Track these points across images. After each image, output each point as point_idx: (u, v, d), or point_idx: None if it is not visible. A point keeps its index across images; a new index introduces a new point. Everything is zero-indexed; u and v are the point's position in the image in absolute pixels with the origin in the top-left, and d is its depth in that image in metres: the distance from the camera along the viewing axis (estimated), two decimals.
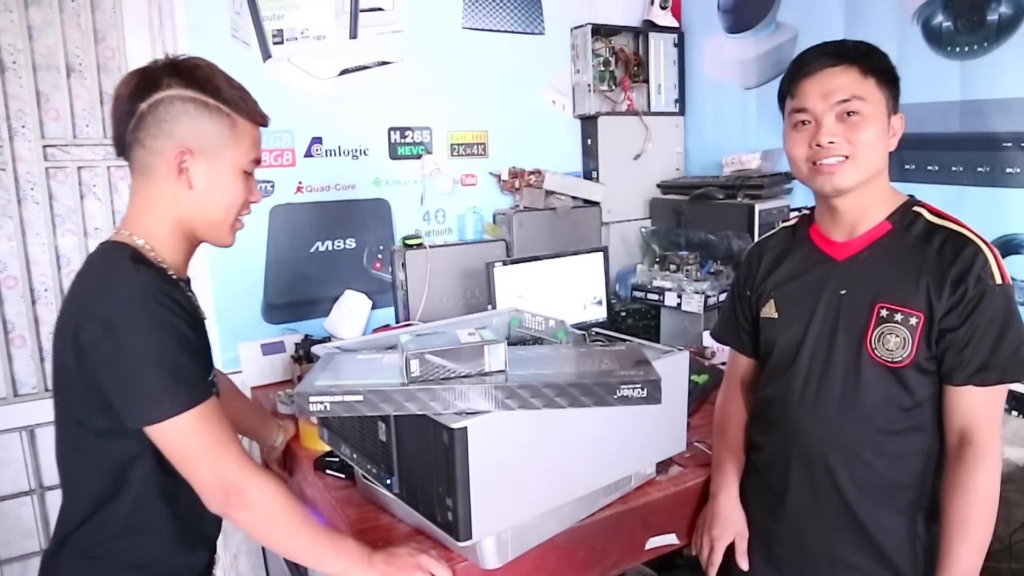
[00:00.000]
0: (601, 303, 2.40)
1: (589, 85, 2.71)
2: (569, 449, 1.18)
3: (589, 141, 2.78)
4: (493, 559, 1.16)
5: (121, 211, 2.07)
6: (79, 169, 2.06)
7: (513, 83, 2.64)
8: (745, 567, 1.34)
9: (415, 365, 1.06)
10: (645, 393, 1.07)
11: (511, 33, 2.61)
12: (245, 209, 1.19)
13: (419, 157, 2.46)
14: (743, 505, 1.37)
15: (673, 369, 1.30)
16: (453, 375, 1.07)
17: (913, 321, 1.14)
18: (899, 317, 1.15)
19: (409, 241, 2.38)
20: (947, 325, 1.12)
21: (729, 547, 1.35)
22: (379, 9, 2.33)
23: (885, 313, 1.17)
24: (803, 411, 1.25)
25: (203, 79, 1.09)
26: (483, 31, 2.55)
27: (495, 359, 1.09)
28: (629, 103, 2.83)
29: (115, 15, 2.06)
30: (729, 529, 1.35)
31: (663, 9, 2.83)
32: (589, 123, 2.77)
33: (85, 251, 2.04)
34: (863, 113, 1.15)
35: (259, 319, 2.25)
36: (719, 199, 2.52)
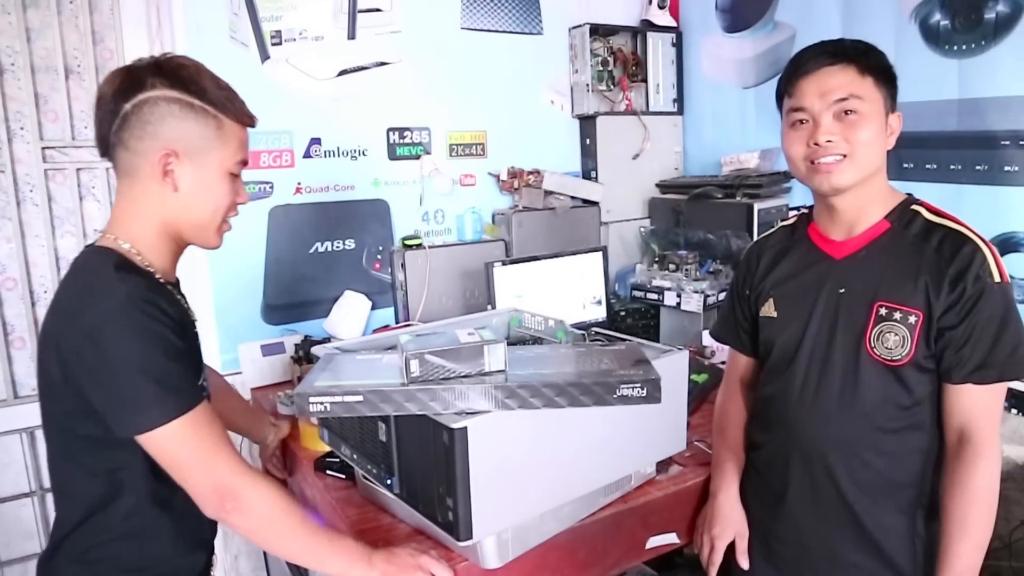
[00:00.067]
0: (600, 303, 2.41)
1: (587, 85, 2.71)
2: (569, 449, 1.18)
3: (588, 141, 2.79)
4: (494, 559, 1.16)
5: None
6: (78, 171, 2.06)
7: (512, 83, 2.64)
8: (745, 566, 1.34)
9: (415, 365, 1.06)
10: (645, 392, 1.08)
11: (509, 33, 2.61)
12: (232, 211, 1.17)
13: (418, 157, 2.46)
14: (743, 504, 1.37)
15: (673, 368, 1.30)
16: (453, 375, 1.07)
17: (912, 319, 1.14)
18: (898, 315, 1.15)
19: (408, 241, 2.38)
20: (946, 323, 1.12)
21: (729, 546, 1.35)
22: (377, 10, 2.34)
23: (884, 311, 1.17)
24: (802, 410, 1.26)
25: (188, 79, 1.07)
26: (481, 31, 2.55)
27: (495, 359, 1.09)
28: (627, 103, 2.83)
29: (113, 16, 2.06)
30: (729, 528, 1.35)
31: (661, 9, 2.83)
32: (588, 123, 2.78)
33: None
34: (861, 112, 1.15)
35: (258, 320, 2.25)
36: (718, 198, 2.52)
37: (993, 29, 1.85)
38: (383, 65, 2.36)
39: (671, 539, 1.43)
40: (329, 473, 1.51)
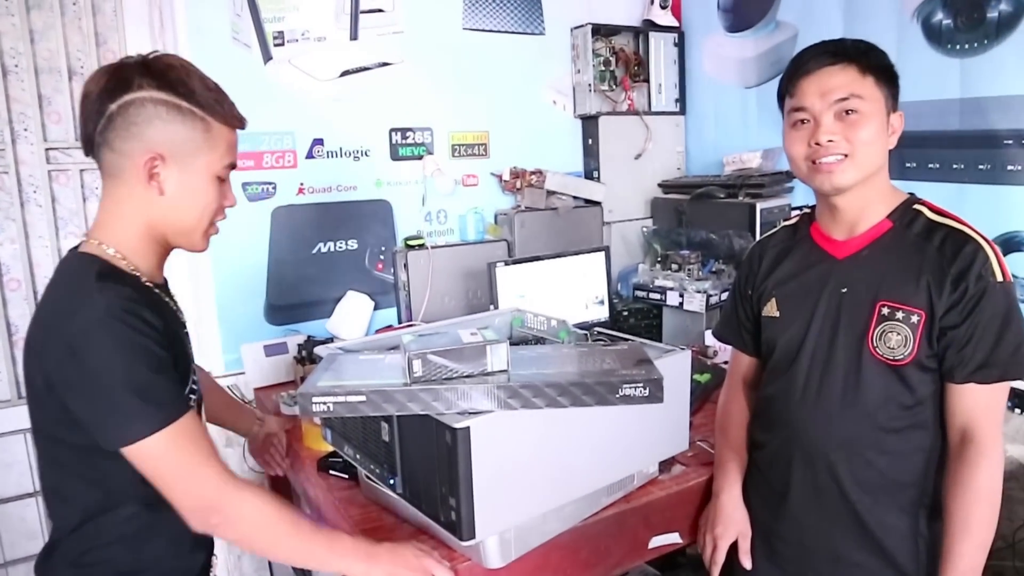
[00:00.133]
0: (603, 303, 2.41)
1: (590, 85, 2.71)
2: (572, 448, 1.18)
3: (590, 141, 2.79)
4: (496, 559, 1.16)
5: None
6: (81, 172, 2.07)
7: (514, 83, 2.64)
8: (748, 566, 1.34)
9: (417, 365, 1.06)
10: (647, 392, 1.08)
11: (511, 34, 2.62)
12: (220, 215, 1.15)
13: (420, 158, 2.47)
14: (746, 504, 1.37)
15: (675, 368, 1.30)
16: (455, 375, 1.08)
17: (914, 319, 1.14)
18: (900, 315, 1.15)
19: (411, 242, 2.39)
20: (948, 323, 1.12)
21: (732, 546, 1.35)
22: (379, 10, 2.34)
23: (886, 311, 1.17)
24: (804, 409, 1.26)
25: (176, 80, 1.04)
26: (483, 32, 2.55)
27: (497, 359, 1.09)
28: (630, 103, 2.83)
29: (116, 18, 2.07)
30: (732, 528, 1.35)
31: (663, 9, 2.83)
32: (590, 123, 2.78)
33: None
34: (861, 111, 1.15)
35: (261, 320, 2.25)
36: (720, 198, 2.52)
37: (995, 28, 1.85)
38: (385, 65, 2.37)
39: (674, 539, 1.43)
40: (332, 473, 1.51)
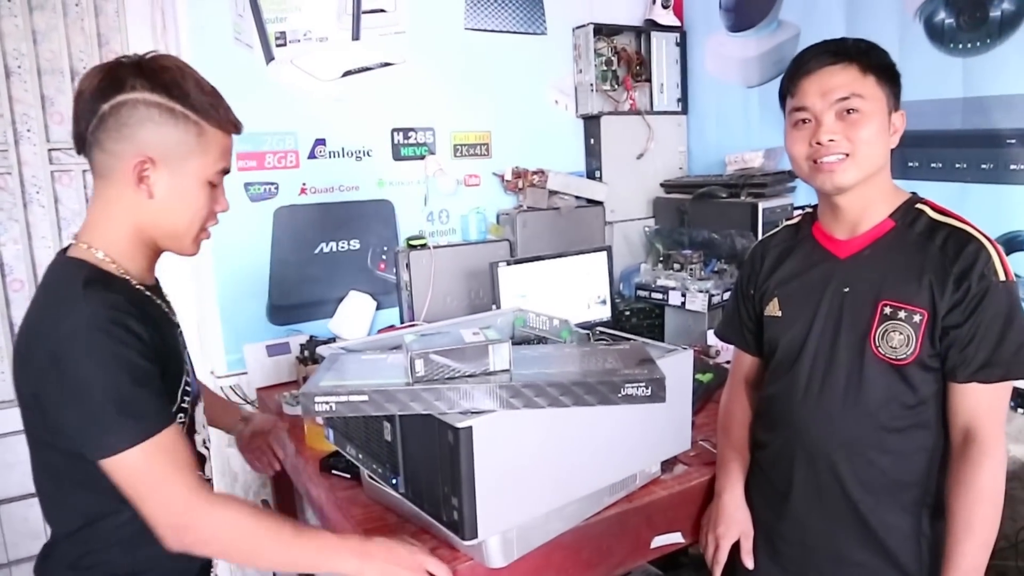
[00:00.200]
0: (605, 302, 2.41)
1: (592, 85, 2.71)
2: (574, 448, 1.18)
3: (592, 141, 2.79)
4: (499, 558, 1.16)
5: None
6: (84, 172, 2.07)
7: (516, 83, 2.64)
8: (750, 566, 1.34)
9: (420, 365, 1.07)
10: (649, 392, 1.08)
11: (513, 33, 2.62)
12: (211, 220, 1.13)
13: (422, 158, 2.47)
14: (748, 503, 1.37)
15: (677, 368, 1.30)
16: (458, 375, 1.08)
17: (917, 318, 1.14)
18: (902, 314, 1.15)
19: (413, 242, 2.39)
20: (950, 322, 1.12)
21: (734, 546, 1.35)
22: (381, 10, 2.34)
23: (889, 310, 1.17)
24: (806, 409, 1.26)
25: (171, 82, 1.02)
26: (485, 32, 2.55)
27: (499, 358, 1.09)
28: (632, 102, 2.83)
29: (118, 19, 2.07)
30: (734, 528, 1.35)
31: (665, 8, 2.83)
32: (592, 123, 2.78)
33: None
34: (862, 111, 1.15)
35: (264, 320, 2.26)
36: (722, 198, 2.52)
37: (998, 27, 1.84)
38: (387, 66, 2.37)
39: (676, 538, 1.43)
40: (335, 473, 1.51)
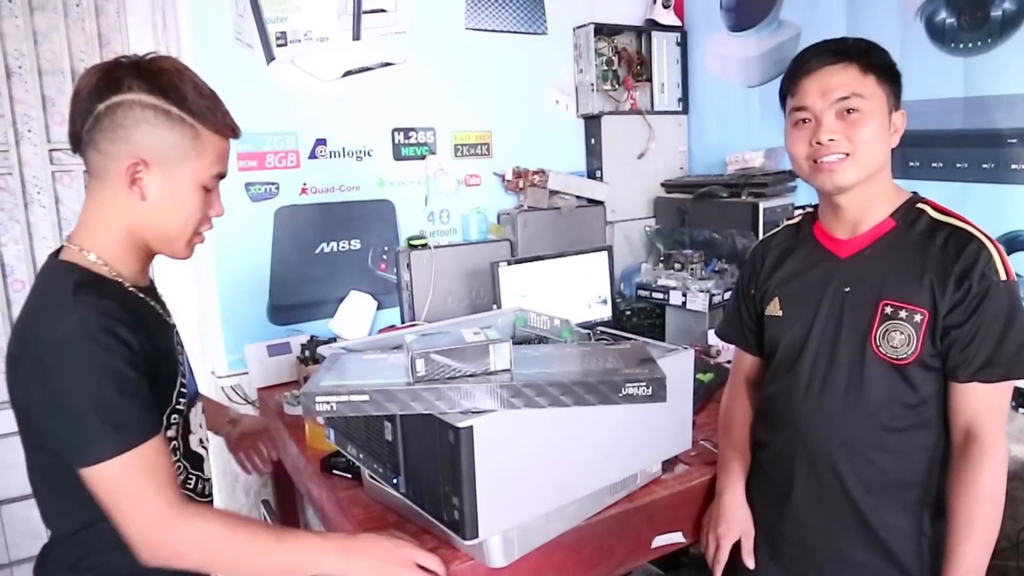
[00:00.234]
0: (606, 302, 2.41)
1: (592, 84, 2.71)
2: (575, 448, 1.18)
3: (593, 140, 2.79)
4: (499, 558, 1.16)
5: None
6: (85, 173, 2.06)
7: (516, 83, 2.64)
8: (751, 565, 1.34)
9: (420, 365, 1.07)
10: (650, 391, 1.08)
11: (514, 33, 2.62)
12: (205, 224, 1.12)
13: (423, 158, 2.47)
14: (749, 503, 1.37)
15: (678, 367, 1.30)
16: (458, 374, 1.08)
17: (917, 318, 1.14)
18: (903, 314, 1.15)
19: (414, 242, 2.39)
20: (951, 322, 1.12)
21: (735, 545, 1.35)
22: (382, 10, 2.34)
23: (890, 310, 1.17)
24: (807, 409, 1.25)
25: (168, 85, 1.01)
26: (486, 31, 2.55)
27: (500, 358, 1.09)
28: (632, 102, 2.83)
29: (119, 19, 2.07)
30: (735, 527, 1.35)
31: (665, 8, 2.83)
32: (593, 122, 2.78)
33: None
34: (862, 110, 1.15)
35: (264, 321, 2.26)
36: (723, 197, 2.52)
37: (999, 27, 1.84)
38: (388, 66, 2.37)
39: (677, 538, 1.43)
40: (335, 473, 1.51)
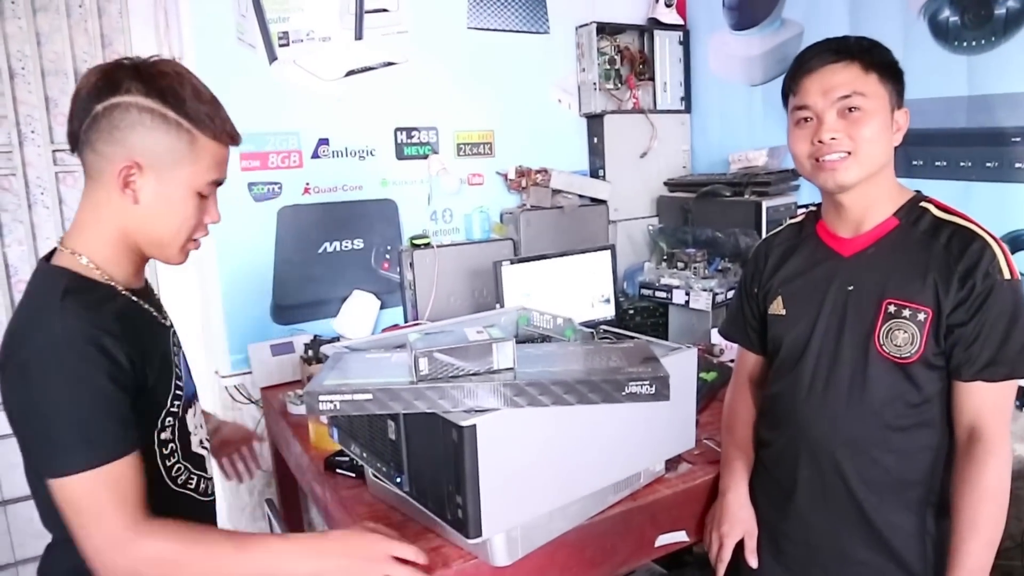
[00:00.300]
0: (609, 301, 2.41)
1: (595, 83, 2.71)
2: (578, 446, 1.18)
3: (595, 139, 2.79)
4: (503, 556, 1.17)
5: None
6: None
7: (519, 82, 2.64)
8: (754, 564, 1.34)
9: (424, 363, 1.07)
10: (654, 390, 1.08)
11: (516, 32, 2.62)
12: (200, 230, 1.10)
13: (426, 157, 2.47)
14: (752, 502, 1.37)
15: (681, 366, 1.30)
16: (462, 373, 1.08)
17: (921, 317, 1.14)
18: (907, 313, 1.15)
19: (416, 241, 2.39)
20: (955, 320, 1.12)
21: (738, 544, 1.35)
22: (384, 10, 2.34)
23: (893, 309, 1.17)
24: (811, 407, 1.25)
25: (167, 89, 1.00)
26: (488, 31, 2.55)
27: (503, 357, 1.09)
28: (635, 101, 2.83)
29: (122, 20, 2.07)
30: (738, 526, 1.35)
31: (668, 7, 2.82)
32: (595, 121, 2.78)
33: None
34: (864, 109, 1.15)
35: (268, 320, 2.26)
36: (726, 196, 2.51)
37: (1003, 25, 1.84)
38: (390, 65, 2.37)
39: (680, 537, 1.43)
40: (339, 472, 1.51)
